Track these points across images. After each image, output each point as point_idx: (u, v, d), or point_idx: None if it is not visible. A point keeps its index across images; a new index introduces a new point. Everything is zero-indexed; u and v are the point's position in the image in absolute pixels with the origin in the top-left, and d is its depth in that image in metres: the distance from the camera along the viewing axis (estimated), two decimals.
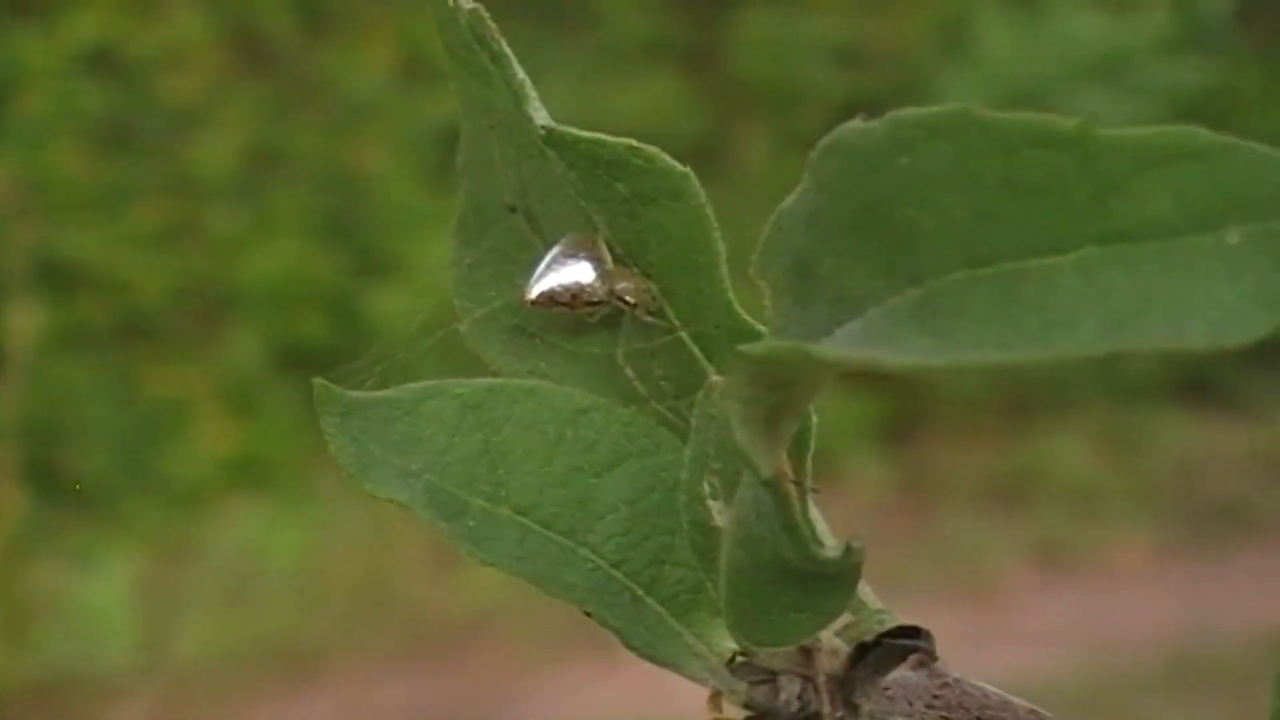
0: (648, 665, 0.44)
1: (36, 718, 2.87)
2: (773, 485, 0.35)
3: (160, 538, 3.21)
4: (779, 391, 0.34)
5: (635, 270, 0.44)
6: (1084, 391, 3.64)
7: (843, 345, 0.34)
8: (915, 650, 0.41)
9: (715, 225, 0.43)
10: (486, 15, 0.44)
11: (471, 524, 0.43)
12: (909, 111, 0.34)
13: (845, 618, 0.42)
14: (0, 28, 3.62)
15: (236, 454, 3.37)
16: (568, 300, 0.45)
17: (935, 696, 0.41)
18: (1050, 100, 3.51)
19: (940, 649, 0.43)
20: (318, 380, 0.44)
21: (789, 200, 0.36)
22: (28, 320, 3.24)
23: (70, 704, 2.88)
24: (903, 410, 3.54)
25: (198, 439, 3.39)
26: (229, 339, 3.56)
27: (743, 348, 0.33)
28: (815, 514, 0.42)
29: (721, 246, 0.43)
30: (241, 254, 3.59)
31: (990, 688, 0.41)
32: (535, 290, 0.45)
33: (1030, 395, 3.63)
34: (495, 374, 0.46)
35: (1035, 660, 2.60)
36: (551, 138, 0.43)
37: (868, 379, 3.50)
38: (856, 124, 0.35)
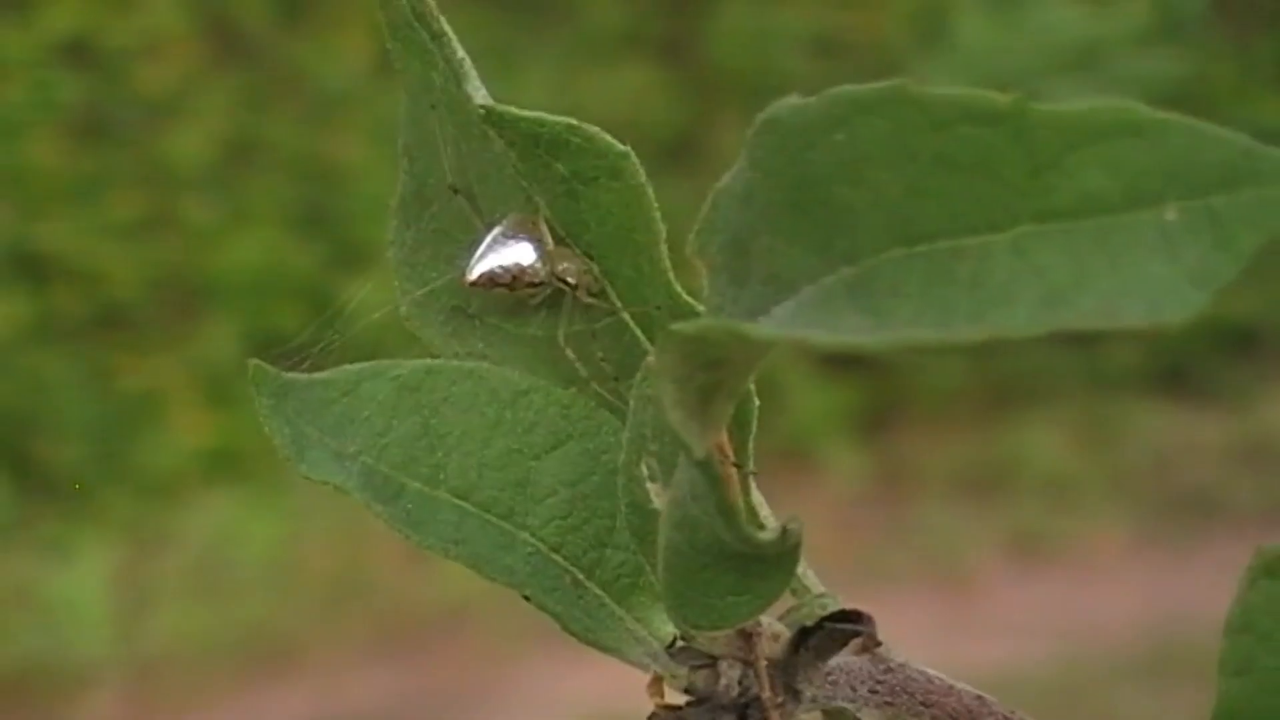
0: None
1: (10, 708, 2.86)
2: (706, 466, 0.35)
3: (135, 528, 3.20)
4: (712, 371, 0.34)
5: (576, 251, 0.44)
6: (1060, 382, 3.64)
7: (776, 324, 0.34)
8: (857, 635, 0.41)
9: (655, 204, 0.42)
10: None
11: (409, 507, 0.42)
12: (845, 88, 0.34)
13: (788, 601, 0.42)
14: None
15: (212, 445, 3.36)
16: (508, 281, 0.44)
17: (879, 681, 0.41)
18: (1027, 91, 3.50)
19: (916, 638, 0.42)
20: (253, 361, 0.43)
21: (726, 178, 0.35)
22: (2, 310, 3.24)
23: (44, 694, 2.87)
24: (878, 400, 3.54)
25: (173, 430, 3.38)
26: (204, 330, 3.55)
27: (675, 326, 0.33)
28: (758, 497, 0.42)
29: (662, 226, 0.42)
30: (217, 244, 3.58)
31: (934, 672, 0.41)
32: (476, 271, 0.45)
33: (1006, 385, 3.63)
34: (434, 355, 0.45)
35: (1010, 650, 2.60)
36: (491, 116, 0.42)
37: (844, 368, 3.50)
38: (792, 100, 0.34)
